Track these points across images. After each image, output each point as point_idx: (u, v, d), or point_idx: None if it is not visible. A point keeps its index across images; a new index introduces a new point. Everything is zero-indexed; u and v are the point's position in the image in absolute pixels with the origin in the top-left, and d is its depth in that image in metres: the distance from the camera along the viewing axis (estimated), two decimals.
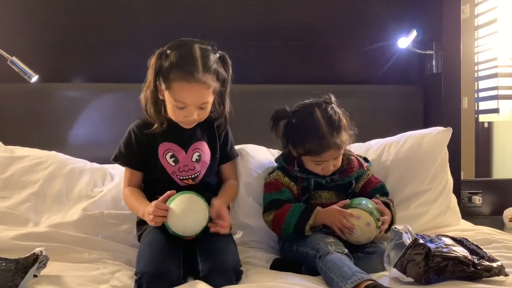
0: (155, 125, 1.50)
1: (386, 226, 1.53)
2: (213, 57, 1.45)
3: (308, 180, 1.61)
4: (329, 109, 1.57)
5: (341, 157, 1.60)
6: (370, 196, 1.62)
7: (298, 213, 1.52)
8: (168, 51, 1.44)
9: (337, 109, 1.59)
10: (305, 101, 1.63)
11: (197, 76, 1.39)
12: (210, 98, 1.46)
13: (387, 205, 1.59)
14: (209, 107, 1.48)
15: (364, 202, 1.53)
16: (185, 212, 1.37)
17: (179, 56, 1.42)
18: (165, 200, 1.40)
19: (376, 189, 1.67)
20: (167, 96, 1.45)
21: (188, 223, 1.38)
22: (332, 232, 1.52)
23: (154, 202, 1.39)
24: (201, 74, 1.40)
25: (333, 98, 1.62)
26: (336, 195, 1.63)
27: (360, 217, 1.48)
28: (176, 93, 1.42)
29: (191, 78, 1.39)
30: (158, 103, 1.49)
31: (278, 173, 1.63)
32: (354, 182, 1.66)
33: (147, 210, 1.39)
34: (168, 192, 1.41)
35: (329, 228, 1.53)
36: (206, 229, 1.41)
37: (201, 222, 1.39)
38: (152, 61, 1.46)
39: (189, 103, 1.43)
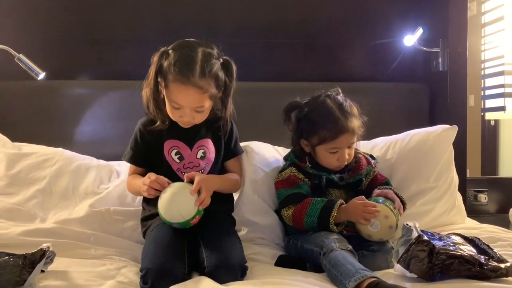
0: (158, 122, 1.51)
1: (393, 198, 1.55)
2: (215, 62, 1.45)
3: (320, 177, 1.62)
4: (339, 97, 1.61)
5: (354, 146, 1.61)
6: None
7: (320, 206, 1.52)
8: (170, 51, 1.45)
9: (346, 98, 1.62)
10: (314, 95, 1.65)
11: (192, 80, 1.39)
12: (207, 103, 1.46)
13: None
14: (206, 110, 1.48)
15: (388, 203, 1.52)
16: (172, 197, 1.39)
17: (179, 57, 1.42)
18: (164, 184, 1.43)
19: (380, 185, 1.66)
20: (165, 94, 1.46)
21: (179, 206, 1.39)
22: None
23: (155, 176, 1.42)
24: (197, 79, 1.40)
25: (340, 90, 1.65)
26: (346, 194, 1.64)
27: (388, 217, 1.48)
28: (172, 94, 1.43)
29: (187, 81, 1.40)
30: (159, 101, 1.49)
31: (292, 169, 1.63)
32: (364, 180, 1.67)
33: (143, 180, 1.42)
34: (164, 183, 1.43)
35: (353, 230, 1.53)
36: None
37: (191, 200, 1.39)
38: (155, 59, 1.46)
39: (184, 105, 1.44)
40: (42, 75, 2.07)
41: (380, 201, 1.52)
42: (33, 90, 2.16)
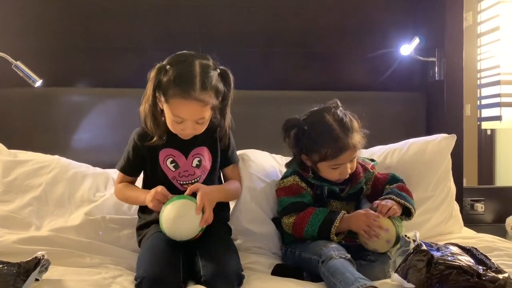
0: (154, 138, 1.51)
1: (396, 211, 1.51)
2: (213, 74, 1.46)
3: (322, 188, 1.61)
4: (338, 111, 1.57)
5: (356, 159, 1.59)
6: (383, 193, 1.61)
7: (323, 216, 1.51)
8: (168, 67, 1.45)
9: (346, 112, 1.59)
10: (312, 109, 1.62)
11: (193, 95, 1.40)
12: (208, 114, 1.47)
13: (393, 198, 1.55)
14: (206, 121, 1.49)
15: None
16: (176, 220, 1.39)
17: (178, 73, 1.42)
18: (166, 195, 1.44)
19: (386, 184, 1.65)
20: (165, 108, 1.46)
21: (182, 229, 1.40)
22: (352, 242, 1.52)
23: (161, 187, 1.44)
24: (198, 93, 1.41)
25: (339, 103, 1.62)
26: (347, 205, 1.64)
27: (388, 230, 1.48)
28: (174, 108, 1.44)
29: (188, 96, 1.40)
30: (157, 117, 1.50)
31: (296, 178, 1.61)
32: (364, 187, 1.66)
33: (150, 193, 1.44)
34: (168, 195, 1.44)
35: (351, 240, 1.53)
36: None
37: (194, 224, 1.40)
38: (152, 75, 1.46)
39: (186, 118, 1.45)
40: (39, 83, 2.07)
41: None
42: (30, 98, 2.15)
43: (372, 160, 1.74)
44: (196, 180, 1.54)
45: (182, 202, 1.42)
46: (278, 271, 1.48)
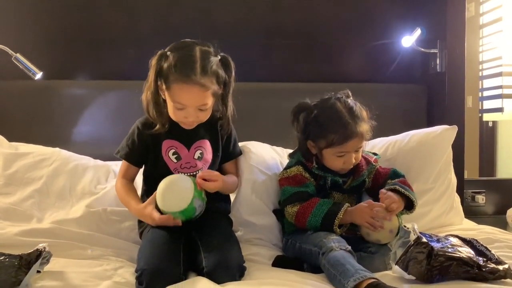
0: (157, 126, 1.51)
1: (394, 209, 1.51)
2: (214, 60, 1.46)
3: (325, 178, 1.61)
4: (349, 101, 1.59)
5: (361, 150, 1.60)
6: (383, 187, 1.61)
7: (327, 207, 1.52)
8: (168, 53, 1.45)
9: (356, 102, 1.60)
10: (323, 97, 1.63)
11: (194, 79, 1.40)
12: (210, 100, 1.47)
13: (395, 190, 1.55)
14: (209, 109, 1.49)
15: None
16: (167, 187, 1.42)
17: (178, 58, 1.43)
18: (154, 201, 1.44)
19: (387, 179, 1.65)
20: (167, 96, 1.46)
21: (177, 194, 1.41)
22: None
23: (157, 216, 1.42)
24: (199, 77, 1.41)
25: (350, 93, 1.64)
26: (349, 197, 1.64)
27: (391, 220, 1.48)
28: (175, 94, 1.44)
29: (189, 80, 1.40)
30: (159, 104, 1.50)
31: (299, 168, 1.61)
32: (367, 180, 1.66)
33: (152, 216, 1.42)
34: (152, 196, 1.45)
35: (352, 232, 1.53)
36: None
37: (188, 188, 1.41)
38: (153, 62, 1.46)
39: (188, 104, 1.44)
40: (39, 75, 2.06)
41: None
42: (30, 90, 2.15)
43: (375, 154, 1.74)
44: (197, 172, 1.54)
45: (172, 175, 1.47)
46: (279, 263, 1.49)
